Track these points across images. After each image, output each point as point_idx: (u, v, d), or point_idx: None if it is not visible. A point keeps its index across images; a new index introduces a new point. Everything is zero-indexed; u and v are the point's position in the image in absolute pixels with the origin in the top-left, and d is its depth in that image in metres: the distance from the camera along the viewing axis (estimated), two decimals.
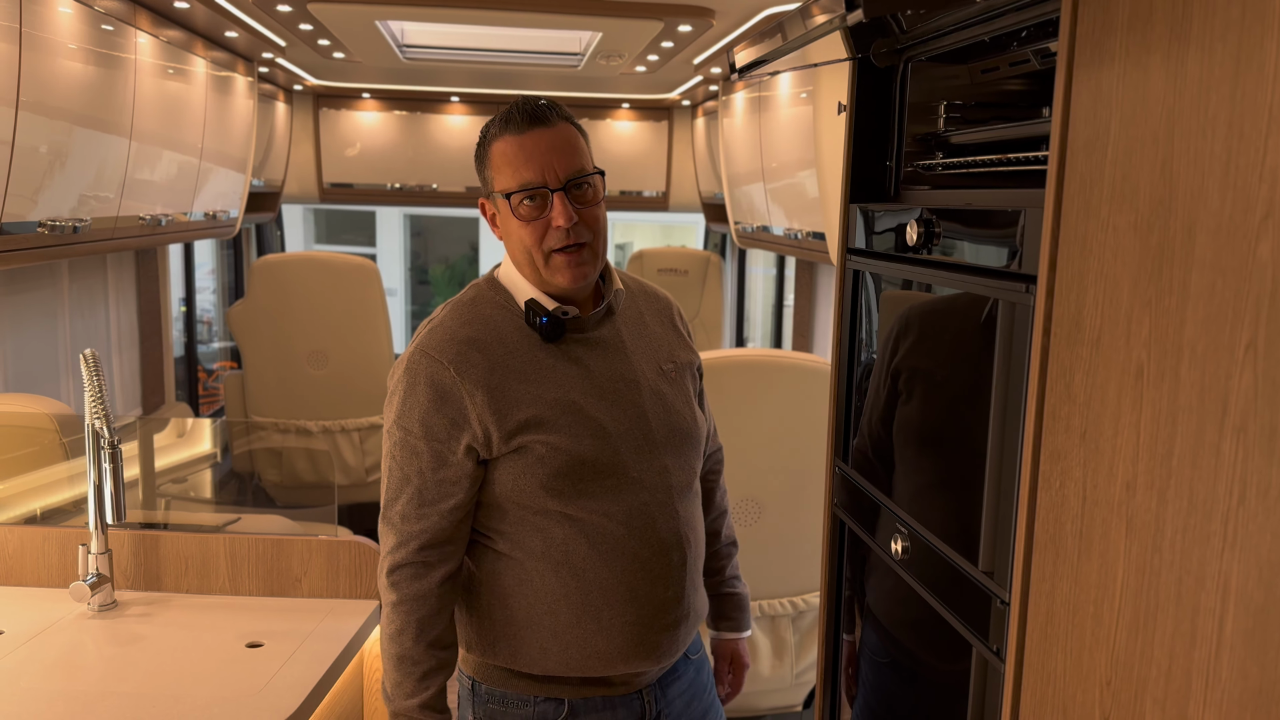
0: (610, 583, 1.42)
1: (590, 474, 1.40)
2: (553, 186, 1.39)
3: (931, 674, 1.37)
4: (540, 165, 1.39)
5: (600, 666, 1.43)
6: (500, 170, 1.42)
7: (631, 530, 1.42)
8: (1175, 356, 0.79)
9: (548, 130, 1.41)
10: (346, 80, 4.84)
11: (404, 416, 1.43)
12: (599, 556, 1.41)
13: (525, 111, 1.41)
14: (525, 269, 1.45)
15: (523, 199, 1.39)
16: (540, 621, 1.42)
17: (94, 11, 2.44)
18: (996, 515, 1.12)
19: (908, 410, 1.39)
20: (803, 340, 4.43)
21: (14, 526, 1.98)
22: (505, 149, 1.41)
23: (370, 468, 4.54)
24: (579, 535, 1.40)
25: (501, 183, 1.42)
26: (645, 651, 1.45)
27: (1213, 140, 0.75)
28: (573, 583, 1.41)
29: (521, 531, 1.42)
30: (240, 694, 1.56)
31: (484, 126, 1.48)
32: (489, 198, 1.48)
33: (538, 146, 1.40)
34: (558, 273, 1.41)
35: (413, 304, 12.37)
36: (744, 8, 2.88)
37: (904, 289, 1.43)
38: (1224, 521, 0.74)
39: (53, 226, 2.28)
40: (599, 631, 1.42)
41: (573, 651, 1.42)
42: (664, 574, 1.45)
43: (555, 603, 1.42)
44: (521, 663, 1.44)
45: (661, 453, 1.46)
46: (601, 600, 1.42)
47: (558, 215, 1.39)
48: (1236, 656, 0.73)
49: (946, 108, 1.51)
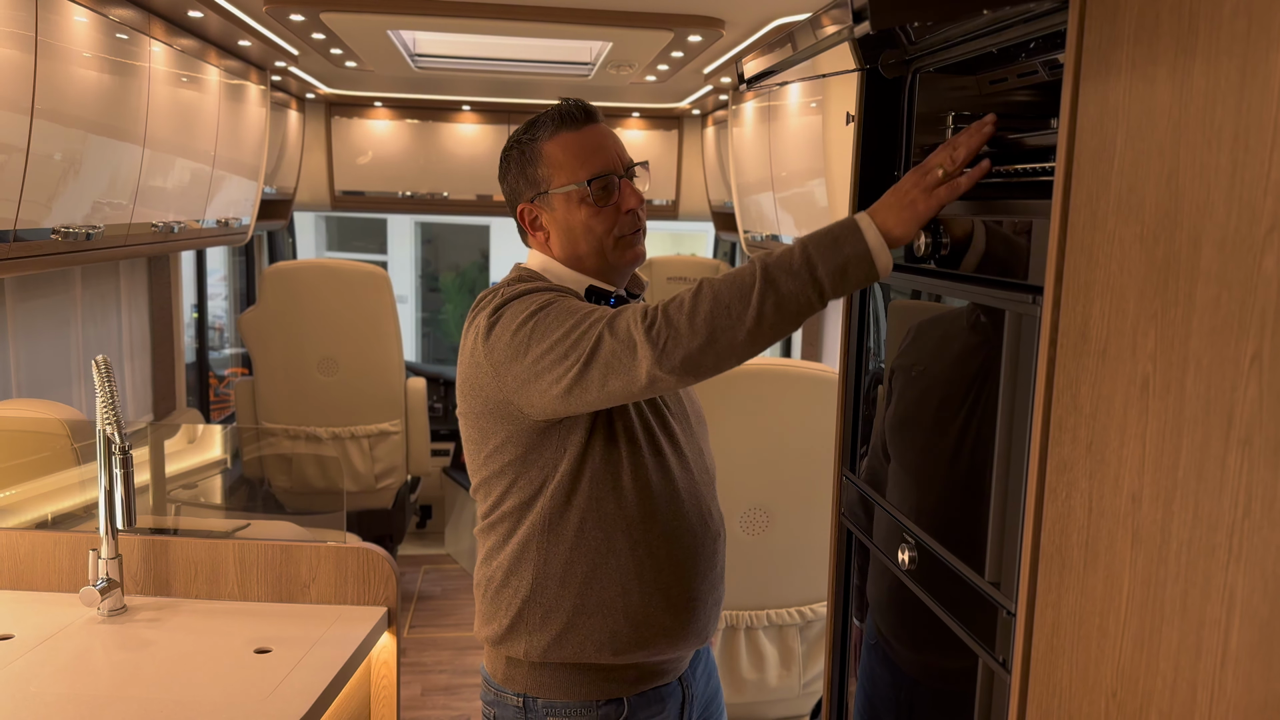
0: (679, 559, 1.48)
1: (659, 452, 1.48)
2: (619, 173, 1.49)
3: (938, 684, 1.37)
4: (607, 154, 1.48)
5: (665, 646, 1.49)
6: (563, 165, 1.47)
7: (691, 507, 1.50)
8: (1181, 368, 0.79)
9: (599, 125, 1.52)
10: (358, 89, 4.86)
11: (538, 294, 1.41)
12: (668, 533, 1.47)
13: (580, 108, 1.50)
14: (588, 261, 1.50)
15: (601, 185, 1.46)
16: (614, 604, 1.46)
17: (109, 20, 2.46)
18: (1003, 526, 1.12)
19: (914, 420, 1.39)
20: (812, 350, 4.42)
21: (25, 531, 2.00)
22: (567, 144, 1.48)
23: (380, 474, 4.55)
24: (653, 512, 1.47)
25: (567, 176, 1.47)
26: (699, 629, 1.53)
27: (1218, 153, 0.75)
28: (648, 561, 1.46)
29: (602, 506, 1.46)
30: (248, 699, 1.56)
31: (521, 134, 1.52)
32: (535, 200, 1.50)
33: (599, 138, 1.49)
34: (625, 251, 1.50)
35: (423, 311, 12.40)
36: (754, 18, 2.89)
37: (912, 299, 1.43)
38: (1229, 534, 0.74)
39: (66, 233, 2.30)
40: (667, 609, 1.48)
41: (643, 631, 1.47)
42: (712, 551, 1.54)
43: (629, 582, 1.45)
44: (590, 652, 1.45)
45: (697, 436, 1.58)
46: (672, 577, 1.48)
47: (629, 198, 1.49)
48: (1242, 669, 0.73)
49: (954, 119, 1.51)
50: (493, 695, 1.54)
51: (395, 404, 4.54)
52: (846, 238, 1.21)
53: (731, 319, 1.20)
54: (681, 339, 1.21)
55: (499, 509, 1.50)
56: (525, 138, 1.51)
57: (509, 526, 1.49)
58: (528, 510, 1.46)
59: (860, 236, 1.21)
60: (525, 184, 1.51)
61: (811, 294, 1.20)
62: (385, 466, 4.56)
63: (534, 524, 1.46)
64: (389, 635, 1.96)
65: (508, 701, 1.51)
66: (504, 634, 1.49)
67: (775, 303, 1.20)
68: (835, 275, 1.21)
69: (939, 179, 1.22)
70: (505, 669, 1.52)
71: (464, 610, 4.47)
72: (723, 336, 1.20)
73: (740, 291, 1.20)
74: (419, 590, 4.72)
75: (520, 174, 1.51)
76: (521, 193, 1.52)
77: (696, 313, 1.21)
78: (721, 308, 1.20)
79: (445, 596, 4.65)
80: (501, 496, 1.49)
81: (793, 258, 1.21)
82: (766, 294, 1.19)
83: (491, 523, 1.51)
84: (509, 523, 1.49)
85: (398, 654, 1.97)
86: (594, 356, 1.28)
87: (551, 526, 1.45)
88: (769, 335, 1.21)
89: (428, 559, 5.13)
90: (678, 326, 1.22)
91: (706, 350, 1.21)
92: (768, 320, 1.20)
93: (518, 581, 1.47)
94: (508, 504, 1.48)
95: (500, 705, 1.53)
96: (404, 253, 12.11)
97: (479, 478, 1.52)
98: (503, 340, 1.38)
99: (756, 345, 1.22)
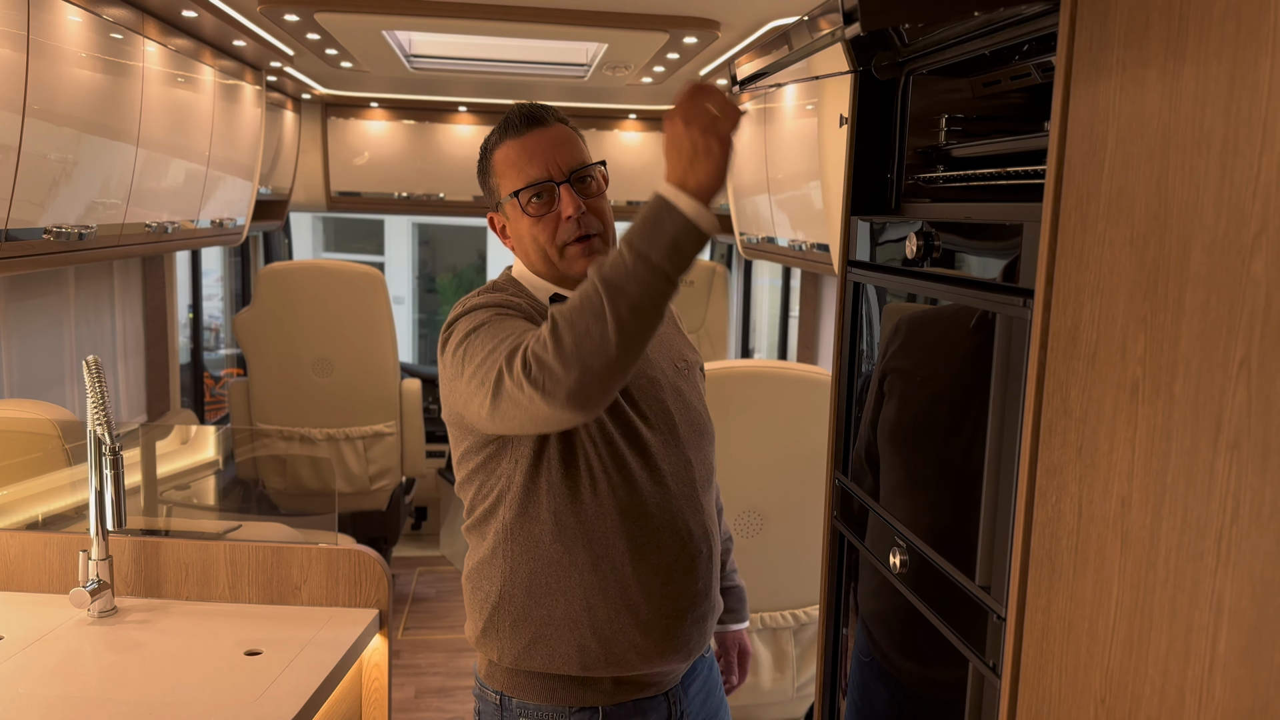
0: (646, 576, 1.45)
1: (623, 467, 1.44)
2: (557, 180, 1.44)
3: (928, 688, 1.36)
4: (544, 161, 1.44)
5: (638, 663, 1.46)
6: (505, 174, 1.47)
7: (664, 524, 1.46)
8: (1170, 372, 0.79)
9: (546, 130, 1.47)
10: (354, 89, 4.86)
11: (482, 311, 1.39)
12: (635, 550, 1.44)
13: (522, 115, 1.47)
14: (541, 269, 1.49)
15: (531, 195, 1.44)
16: (580, 618, 1.44)
17: (102, 20, 2.45)
18: (993, 530, 1.11)
19: (905, 423, 1.39)
20: (807, 352, 4.42)
21: (15, 532, 1.99)
22: (508, 153, 1.46)
23: (374, 475, 4.54)
24: (616, 528, 1.43)
25: (508, 185, 1.46)
26: (678, 646, 1.49)
27: (1208, 156, 0.75)
28: (611, 577, 1.43)
29: (561, 519, 1.43)
30: (238, 702, 1.56)
31: (483, 141, 1.52)
32: (497, 209, 1.51)
33: (539, 144, 1.45)
34: (574, 262, 1.45)
35: (420, 312, 12.40)
36: (749, 20, 2.88)
37: (905, 302, 1.42)
38: (1218, 539, 0.73)
39: (59, 233, 2.29)
40: (636, 626, 1.44)
41: (612, 648, 1.44)
42: (693, 567, 1.49)
43: (593, 598, 1.43)
44: (559, 664, 1.44)
45: (685, 447, 1.52)
46: (640, 594, 1.44)
47: (566, 205, 1.43)
48: (1230, 675, 0.72)
49: (948, 121, 1.51)
50: (478, 689, 1.56)
51: (390, 405, 4.54)
52: (664, 218, 1.16)
53: (595, 341, 1.16)
54: (558, 377, 1.17)
55: (473, 514, 1.52)
56: (484, 147, 1.51)
57: (481, 530, 1.51)
58: (492, 517, 1.48)
59: (676, 211, 1.16)
60: (487, 193, 1.53)
61: (659, 282, 1.16)
62: (380, 468, 4.55)
63: (499, 531, 1.47)
64: (380, 638, 1.95)
65: (488, 698, 1.53)
66: (480, 635, 1.51)
67: (629, 307, 1.15)
68: (670, 254, 1.16)
69: (714, 115, 1.16)
70: (487, 666, 1.53)
71: (458, 612, 4.46)
72: (595, 361, 1.16)
73: (592, 312, 1.16)
74: (413, 592, 4.71)
75: (484, 183, 1.53)
76: (488, 201, 1.54)
77: (561, 347, 1.17)
78: (581, 335, 1.16)
79: (440, 598, 4.64)
80: (473, 501, 1.51)
81: (623, 259, 1.17)
82: (617, 303, 1.15)
83: (470, 525, 1.54)
84: (481, 526, 1.51)
85: (389, 656, 1.97)
86: (498, 391, 1.25)
87: (514, 536, 1.45)
88: (640, 338, 1.17)
89: (422, 561, 5.13)
90: (550, 366, 1.17)
91: (586, 378, 1.16)
92: (629, 327, 1.15)
93: (489, 586, 1.48)
94: (478, 510, 1.50)
95: (483, 700, 1.54)
96: (401, 253, 12.10)
97: (457, 480, 1.55)
98: (448, 357, 1.39)
99: (633, 351, 1.18)
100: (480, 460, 1.47)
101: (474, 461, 1.48)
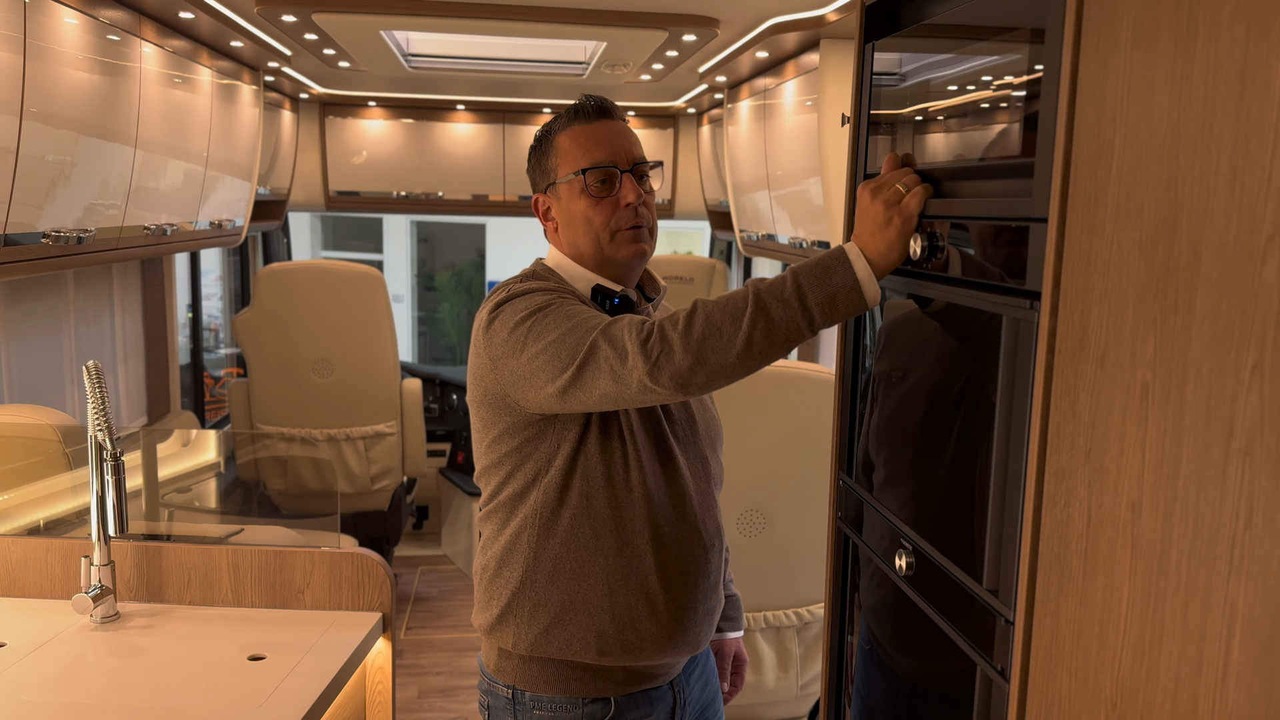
0: (665, 566, 1.48)
1: (653, 457, 1.48)
2: (622, 167, 1.50)
3: (935, 691, 1.36)
4: (612, 147, 1.50)
5: (652, 651, 1.49)
6: (568, 155, 1.51)
7: (684, 516, 1.50)
8: (1180, 377, 0.78)
9: (615, 123, 1.54)
10: (352, 89, 4.85)
11: (539, 294, 1.43)
12: (656, 540, 1.48)
13: (595, 104, 1.53)
14: (587, 253, 1.53)
15: (597, 177, 1.48)
16: (600, 604, 1.46)
17: (99, 22, 2.44)
18: (1001, 533, 1.11)
19: (910, 425, 1.38)
20: (809, 351, 4.41)
21: (17, 537, 1.98)
22: (576, 135, 1.52)
23: (375, 475, 4.54)
24: (642, 516, 1.47)
25: (570, 165, 1.51)
26: (689, 637, 1.53)
27: (1218, 158, 0.74)
28: (633, 564, 1.47)
29: (593, 504, 1.46)
30: (242, 707, 1.55)
31: (544, 126, 1.58)
32: (547, 190, 1.55)
33: (608, 133, 1.52)
34: (622, 246, 1.50)
35: (419, 310, 12.39)
36: (748, 17, 2.88)
37: (909, 303, 1.42)
38: (1230, 545, 0.73)
39: (57, 237, 2.28)
40: (651, 615, 1.48)
41: (628, 635, 1.47)
42: (706, 561, 1.54)
43: (615, 584, 1.46)
44: (576, 650, 1.47)
45: (702, 445, 1.57)
46: (658, 584, 1.48)
47: (628, 192, 1.49)
48: (1243, 682, 0.72)
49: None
50: (486, 684, 1.58)
51: (391, 405, 4.53)
52: (835, 268, 1.24)
53: (722, 341, 1.23)
54: (674, 355, 1.24)
55: (497, 498, 1.53)
56: (544, 130, 1.57)
57: (504, 516, 1.52)
58: (522, 501, 1.49)
59: (849, 267, 1.24)
60: (539, 174, 1.57)
61: (801, 322, 1.24)
62: (381, 468, 4.55)
63: (527, 516, 1.48)
64: (384, 641, 1.95)
65: (498, 692, 1.54)
66: (495, 623, 1.52)
67: (765, 328, 1.23)
68: (824, 305, 1.24)
69: (900, 192, 1.25)
70: (497, 660, 1.54)
71: (461, 611, 4.46)
72: (713, 357, 1.24)
73: (733, 315, 1.24)
74: (416, 591, 4.71)
75: (537, 164, 1.58)
76: (537, 183, 1.58)
77: (690, 332, 1.24)
78: (713, 329, 1.24)
79: (442, 598, 4.64)
80: (500, 485, 1.52)
81: (784, 286, 1.24)
82: (757, 319, 1.23)
83: (489, 511, 1.55)
84: (504, 512, 1.52)
85: (393, 659, 1.96)
86: (588, 361, 1.31)
87: (543, 519, 1.47)
88: (758, 359, 1.25)
89: (424, 560, 5.12)
90: (671, 343, 1.25)
91: (696, 369, 1.24)
92: (757, 345, 1.23)
93: (509, 572, 1.50)
94: (505, 493, 1.51)
95: (493, 695, 1.56)
96: (400, 252, 12.09)
97: (481, 465, 1.55)
98: (500, 335, 1.42)
99: (745, 368, 1.25)
100: (518, 442, 1.47)
101: (510, 444, 1.48)
